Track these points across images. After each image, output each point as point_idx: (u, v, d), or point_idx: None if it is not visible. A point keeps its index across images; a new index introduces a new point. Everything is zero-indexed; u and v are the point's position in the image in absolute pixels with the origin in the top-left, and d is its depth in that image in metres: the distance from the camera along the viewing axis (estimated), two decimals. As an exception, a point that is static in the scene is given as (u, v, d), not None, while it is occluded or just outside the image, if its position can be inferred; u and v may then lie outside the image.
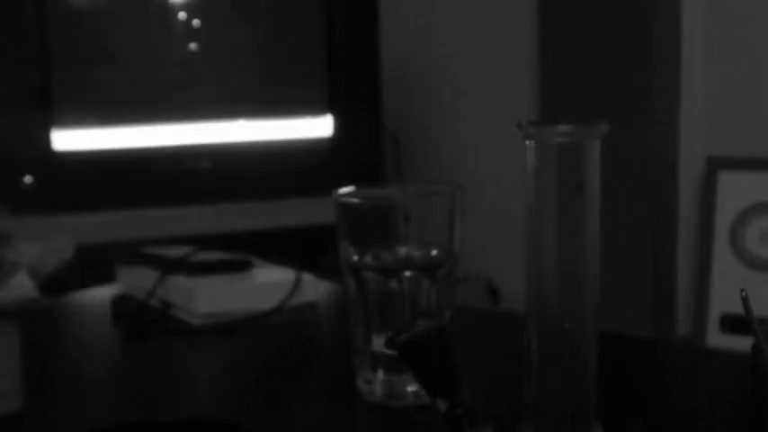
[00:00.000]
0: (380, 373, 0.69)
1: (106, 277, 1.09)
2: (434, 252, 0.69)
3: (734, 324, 1.83)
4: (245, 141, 1.98)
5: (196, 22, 1.95)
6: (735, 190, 1.88)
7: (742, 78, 1.90)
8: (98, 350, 0.90)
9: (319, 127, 2.01)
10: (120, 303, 1.00)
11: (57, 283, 0.73)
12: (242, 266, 1.00)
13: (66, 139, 1.87)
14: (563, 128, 0.53)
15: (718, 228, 1.88)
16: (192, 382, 0.80)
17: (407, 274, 0.67)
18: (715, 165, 1.90)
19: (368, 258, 0.68)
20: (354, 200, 0.70)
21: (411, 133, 2.34)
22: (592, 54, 1.96)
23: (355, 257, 0.68)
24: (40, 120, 1.86)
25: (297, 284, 0.96)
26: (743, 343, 0.62)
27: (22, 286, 0.65)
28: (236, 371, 0.81)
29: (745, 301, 0.48)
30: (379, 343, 0.68)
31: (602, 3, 1.96)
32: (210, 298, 0.94)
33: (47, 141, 1.86)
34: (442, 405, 0.50)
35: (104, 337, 0.94)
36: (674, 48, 1.93)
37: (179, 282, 0.96)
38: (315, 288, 0.99)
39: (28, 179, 1.83)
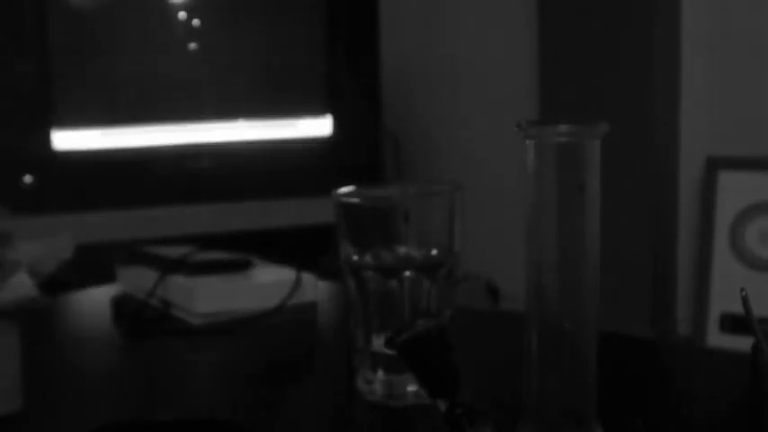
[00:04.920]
0: (380, 373, 0.69)
1: (106, 277, 1.09)
2: (434, 252, 0.69)
3: (734, 324, 1.83)
4: (245, 141, 1.98)
5: (196, 22, 1.95)
6: (735, 190, 1.88)
7: (742, 78, 1.90)
8: (98, 350, 0.90)
9: (319, 127, 2.01)
10: (120, 303, 1.00)
11: (57, 283, 0.73)
12: (242, 266, 1.00)
13: (66, 139, 1.87)
14: (563, 128, 0.53)
15: (718, 228, 1.88)
16: (191, 382, 0.80)
17: (407, 274, 0.67)
18: (715, 165, 1.90)
19: (368, 258, 0.68)
20: (354, 200, 0.70)
21: (411, 133, 2.34)
22: (592, 54, 1.96)
23: (355, 257, 0.68)
24: (40, 120, 1.86)
25: (297, 284, 0.96)
26: (743, 343, 0.62)
27: (22, 286, 0.65)
28: (236, 371, 0.81)
29: (745, 301, 0.48)
30: (379, 343, 0.68)
31: (603, 3, 1.96)
32: (210, 298, 0.94)
33: (47, 141, 1.86)
34: (442, 405, 0.50)
35: (104, 337, 0.94)
36: (674, 48, 1.93)
37: (179, 282, 0.96)
38: (315, 288, 0.99)
39: (28, 179, 1.83)
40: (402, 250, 0.68)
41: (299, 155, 2.00)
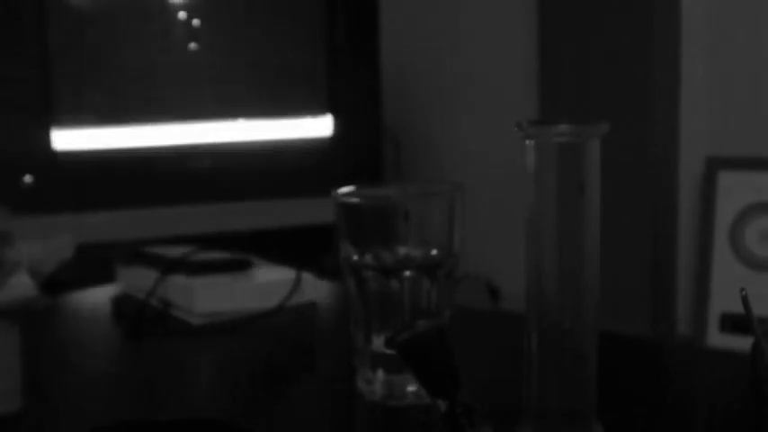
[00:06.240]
0: (380, 373, 0.69)
1: (106, 277, 1.09)
2: (434, 252, 0.69)
3: (734, 324, 1.83)
4: (245, 141, 1.98)
5: (196, 22, 1.95)
6: (735, 190, 1.88)
7: (742, 78, 1.90)
8: (98, 350, 0.90)
9: (319, 127, 2.01)
10: (120, 303, 1.00)
11: (57, 283, 0.73)
12: (242, 266, 1.00)
13: (66, 139, 1.87)
14: (563, 128, 0.53)
15: (718, 228, 1.88)
16: (191, 382, 0.80)
17: (407, 274, 0.67)
18: (715, 165, 1.90)
19: (368, 258, 0.68)
20: (354, 200, 0.70)
21: (411, 133, 2.34)
22: (592, 54, 1.96)
23: (355, 257, 0.68)
24: (40, 120, 1.86)
25: (297, 284, 0.96)
26: (743, 343, 0.62)
27: (23, 286, 0.65)
28: (236, 371, 0.81)
29: (745, 300, 0.48)
30: (379, 343, 0.68)
31: (603, 3, 1.96)
32: (210, 298, 0.94)
33: (47, 141, 1.86)
34: (442, 405, 0.50)
35: (104, 337, 0.94)
36: (674, 48, 1.93)
37: (179, 281, 0.96)
38: (315, 288, 0.99)
39: (28, 179, 1.83)
40: (402, 250, 0.68)
41: (299, 155, 2.00)
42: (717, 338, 1.85)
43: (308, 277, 0.98)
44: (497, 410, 0.55)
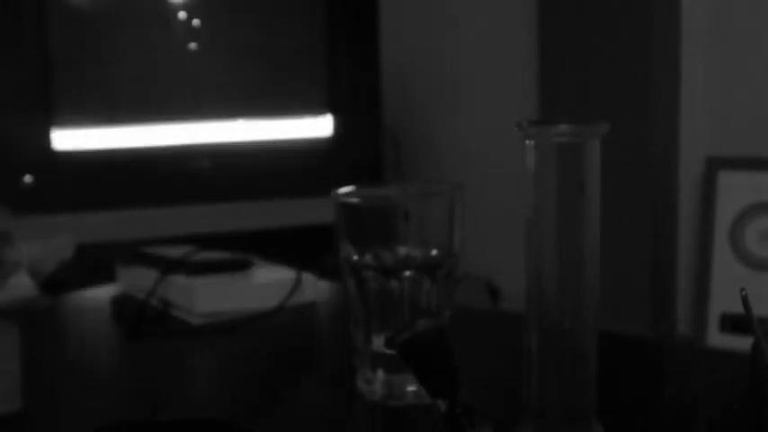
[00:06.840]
0: (380, 373, 0.69)
1: (106, 277, 1.09)
2: (434, 252, 0.69)
3: (734, 324, 1.83)
4: (245, 141, 1.98)
5: (196, 22, 1.95)
6: (735, 190, 1.88)
7: (742, 78, 1.90)
8: (98, 350, 0.90)
9: (319, 127, 2.01)
10: (120, 303, 1.00)
11: (57, 283, 0.73)
12: (242, 266, 1.00)
13: (66, 139, 1.87)
14: (563, 128, 0.53)
15: (718, 228, 1.88)
16: (191, 382, 0.80)
17: (407, 274, 0.67)
18: (715, 165, 1.90)
19: (368, 258, 0.68)
20: (354, 200, 0.70)
21: (411, 133, 2.34)
22: (592, 54, 1.96)
23: (355, 257, 0.68)
24: (40, 120, 1.86)
25: (297, 284, 0.96)
26: (743, 343, 0.62)
27: (22, 286, 0.65)
28: (236, 371, 0.81)
29: (744, 300, 0.48)
30: (379, 343, 0.68)
31: (602, 3, 1.96)
32: (210, 298, 0.94)
33: (47, 141, 1.86)
34: (442, 405, 0.50)
35: (104, 337, 0.94)
36: (674, 48, 1.93)
37: (179, 281, 0.96)
38: (315, 288, 0.99)
39: (28, 179, 1.83)
40: (402, 250, 0.68)
41: (299, 155, 2.01)
42: (717, 338, 1.85)
43: (308, 277, 0.98)
44: (497, 410, 0.55)
